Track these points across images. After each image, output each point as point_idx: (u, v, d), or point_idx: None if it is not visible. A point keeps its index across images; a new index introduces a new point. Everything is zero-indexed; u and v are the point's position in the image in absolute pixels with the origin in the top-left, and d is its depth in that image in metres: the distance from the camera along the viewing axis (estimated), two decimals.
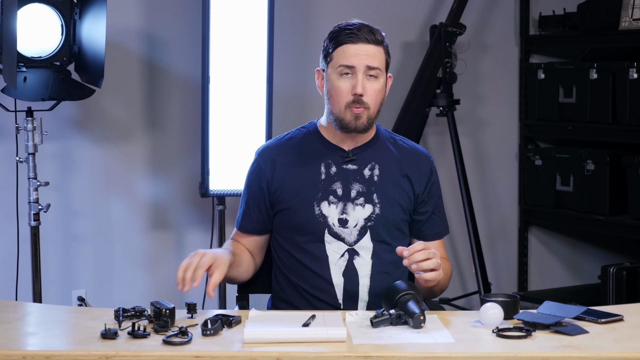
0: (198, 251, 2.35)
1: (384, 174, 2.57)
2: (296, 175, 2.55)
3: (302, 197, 2.53)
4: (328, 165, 2.55)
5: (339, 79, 2.50)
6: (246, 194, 2.63)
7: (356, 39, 2.48)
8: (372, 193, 2.55)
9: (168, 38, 4.13)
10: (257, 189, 2.59)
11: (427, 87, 4.44)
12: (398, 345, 2.07)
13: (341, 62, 2.49)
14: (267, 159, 2.59)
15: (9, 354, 2.00)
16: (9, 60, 3.28)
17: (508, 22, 4.93)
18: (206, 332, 2.11)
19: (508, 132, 4.98)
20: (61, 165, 3.97)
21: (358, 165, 2.56)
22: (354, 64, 2.48)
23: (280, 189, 2.55)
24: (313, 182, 2.54)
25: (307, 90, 4.37)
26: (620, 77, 4.36)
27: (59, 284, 4.00)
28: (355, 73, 2.48)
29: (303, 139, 2.60)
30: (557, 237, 5.11)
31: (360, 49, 2.48)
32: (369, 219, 2.54)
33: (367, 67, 2.48)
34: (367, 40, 2.49)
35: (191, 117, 4.11)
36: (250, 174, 2.62)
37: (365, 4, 4.46)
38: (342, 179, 2.54)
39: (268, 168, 2.57)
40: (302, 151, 2.58)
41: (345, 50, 2.49)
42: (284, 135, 2.65)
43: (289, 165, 2.56)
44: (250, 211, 2.61)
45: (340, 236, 2.53)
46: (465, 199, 4.43)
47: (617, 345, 2.08)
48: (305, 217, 2.52)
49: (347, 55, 2.49)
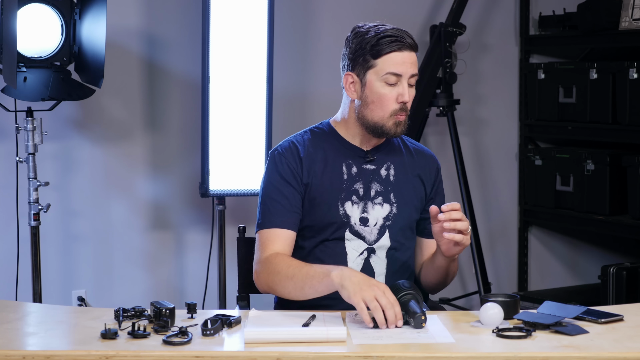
0: (374, 286, 2.24)
1: (399, 174, 2.60)
2: (321, 174, 2.55)
3: (327, 197, 2.53)
4: (349, 165, 2.56)
5: (384, 87, 2.49)
6: (278, 189, 2.52)
7: (403, 47, 2.47)
8: (389, 193, 2.57)
9: (168, 38, 4.13)
10: (294, 182, 2.52)
11: (427, 87, 4.44)
12: (398, 345, 2.07)
13: (389, 70, 2.47)
14: (294, 156, 2.55)
15: (9, 354, 2.00)
16: (9, 60, 3.28)
17: (508, 22, 4.93)
18: (206, 332, 2.11)
19: (508, 132, 4.98)
20: (61, 165, 3.97)
21: (376, 165, 2.58)
22: (402, 72, 2.47)
23: (309, 187, 2.54)
24: (337, 182, 2.55)
25: (307, 90, 4.37)
26: (620, 77, 4.36)
27: (59, 284, 4.00)
28: (401, 81, 2.48)
29: (322, 139, 2.60)
30: (557, 237, 5.11)
31: (407, 57, 2.48)
32: (387, 218, 2.56)
33: (412, 76, 2.49)
34: (411, 47, 2.49)
35: (191, 117, 4.11)
36: (280, 169, 2.54)
37: (365, 4, 4.45)
38: (362, 179, 2.56)
39: (298, 165, 2.54)
40: (323, 150, 2.57)
41: (393, 59, 2.47)
42: (299, 135, 2.62)
43: (314, 163, 2.55)
44: (290, 204, 2.51)
45: (361, 234, 2.54)
46: (465, 199, 4.43)
47: (617, 345, 2.08)
48: (330, 216, 2.52)
49: (395, 63, 2.47)
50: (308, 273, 2.36)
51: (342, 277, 2.27)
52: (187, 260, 4.25)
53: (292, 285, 2.39)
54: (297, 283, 2.38)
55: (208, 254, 4.16)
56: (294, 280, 2.38)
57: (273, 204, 2.53)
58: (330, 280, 2.29)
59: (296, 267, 2.40)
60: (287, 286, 2.40)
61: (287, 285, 2.40)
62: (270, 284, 2.45)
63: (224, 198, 3.98)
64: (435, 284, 2.62)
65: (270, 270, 2.45)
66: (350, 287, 2.24)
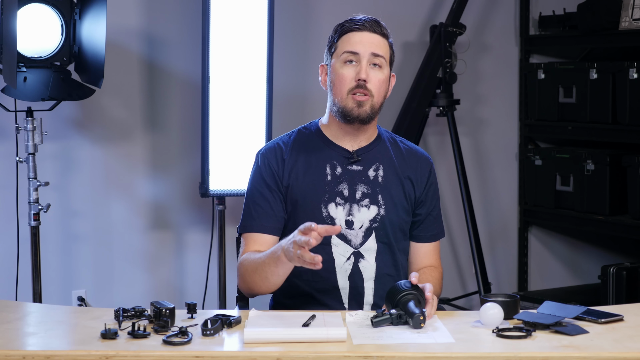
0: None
1: (388, 175, 2.56)
2: (303, 176, 2.53)
3: (309, 199, 2.50)
4: (333, 166, 2.54)
5: (343, 67, 2.49)
6: (260, 193, 2.53)
7: (362, 27, 2.49)
8: (377, 194, 2.54)
9: (168, 38, 4.13)
10: (275, 185, 2.53)
11: (427, 87, 4.44)
12: (398, 345, 2.07)
13: (345, 49, 2.48)
14: (277, 157, 2.55)
15: (9, 354, 2.00)
16: (9, 60, 3.28)
17: (508, 22, 4.93)
18: (206, 332, 2.11)
19: (508, 132, 4.98)
20: (61, 165, 3.97)
21: (362, 166, 2.55)
22: (359, 51, 2.47)
23: (290, 189, 2.53)
24: (320, 183, 2.52)
25: (308, 90, 4.37)
26: (620, 77, 4.36)
27: (59, 284, 4.00)
28: (360, 60, 2.48)
29: (306, 139, 2.58)
30: (557, 237, 5.11)
31: (365, 37, 2.49)
32: (374, 220, 2.53)
33: (371, 55, 2.47)
34: (374, 30, 2.50)
35: (191, 117, 4.11)
36: (262, 172, 2.54)
37: (365, 4, 4.45)
38: (347, 179, 2.53)
39: (280, 166, 2.54)
40: (307, 152, 2.55)
41: (351, 38, 2.49)
42: (286, 135, 2.61)
43: (296, 165, 2.54)
44: (272, 209, 2.52)
45: (347, 238, 2.51)
46: (465, 199, 4.43)
47: (617, 345, 2.08)
48: (313, 218, 2.44)
49: (352, 42, 2.49)
50: (264, 262, 2.38)
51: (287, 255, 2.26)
52: (187, 260, 4.25)
53: (258, 279, 2.42)
54: (261, 274, 2.40)
55: (208, 254, 4.16)
56: (258, 273, 2.41)
57: (255, 207, 2.54)
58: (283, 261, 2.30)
59: (254, 260, 2.43)
60: (256, 281, 2.43)
61: (256, 280, 2.43)
62: (247, 285, 2.49)
63: (224, 198, 3.98)
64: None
65: (242, 272, 2.49)
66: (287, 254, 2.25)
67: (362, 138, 2.56)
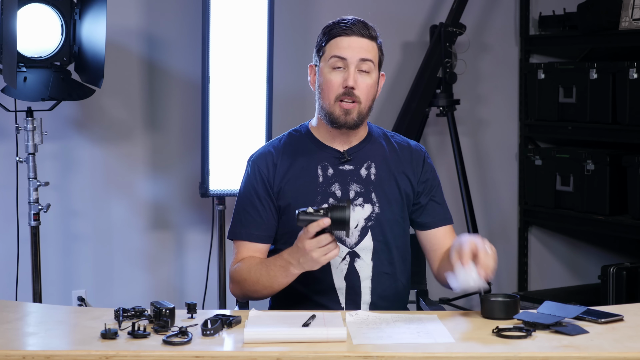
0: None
1: (381, 172, 2.55)
2: (294, 179, 2.53)
3: (302, 201, 2.48)
4: (325, 167, 2.53)
5: (331, 72, 2.47)
6: (250, 201, 2.54)
7: (350, 32, 2.47)
8: (370, 192, 2.53)
9: (168, 38, 4.13)
10: (265, 193, 2.53)
11: (427, 87, 4.44)
12: (398, 345, 2.07)
13: (333, 54, 2.46)
14: (268, 163, 2.55)
15: (9, 354, 2.00)
16: (9, 60, 3.28)
17: (508, 22, 4.93)
18: (206, 332, 2.11)
19: (508, 132, 4.98)
20: (61, 165, 3.97)
21: (354, 165, 2.54)
22: (347, 56, 2.46)
23: (281, 193, 2.53)
24: (311, 186, 2.52)
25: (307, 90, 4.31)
26: (620, 77, 4.36)
27: (59, 284, 4.00)
28: (348, 66, 2.46)
29: (297, 142, 2.57)
30: (557, 237, 5.11)
31: (353, 42, 2.47)
32: (369, 218, 2.53)
33: (359, 60, 2.46)
34: (361, 34, 2.47)
35: (191, 117, 4.11)
36: (252, 180, 2.55)
37: (365, 4, 4.46)
38: (339, 180, 2.52)
39: (270, 172, 2.53)
40: (298, 155, 2.55)
41: (339, 43, 2.47)
42: (276, 139, 2.61)
43: (287, 169, 2.54)
44: (262, 218, 2.53)
45: (342, 238, 2.51)
46: (465, 199, 4.43)
47: (617, 345, 2.08)
48: None
49: (339, 47, 2.47)
50: (269, 273, 2.41)
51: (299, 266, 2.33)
52: (187, 260, 4.25)
53: (261, 287, 2.45)
54: (265, 284, 2.44)
55: (208, 254, 4.16)
56: (261, 282, 2.44)
57: (244, 215, 2.55)
58: (292, 273, 2.36)
59: (256, 270, 2.45)
60: (257, 290, 2.47)
61: (257, 288, 2.46)
62: (243, 291, 2.52)
63: (224, 198, 3.98)
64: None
65: (237, 279, 2.51)
66: (307, 266, 2.31)
67: (352, 139, 2.56)
